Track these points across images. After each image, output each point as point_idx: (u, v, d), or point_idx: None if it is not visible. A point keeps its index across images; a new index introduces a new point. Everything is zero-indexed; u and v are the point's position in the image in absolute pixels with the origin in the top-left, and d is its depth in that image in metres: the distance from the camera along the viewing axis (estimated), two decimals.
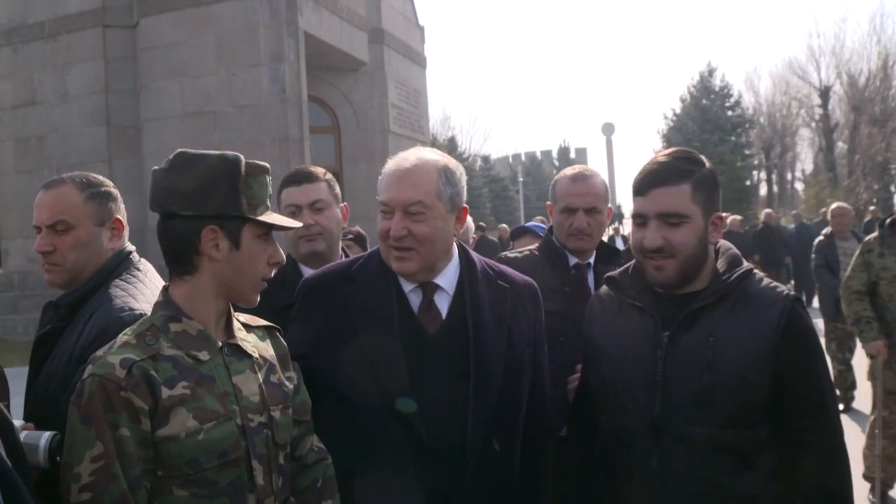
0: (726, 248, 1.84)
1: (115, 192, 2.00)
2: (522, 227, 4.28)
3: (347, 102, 13.28)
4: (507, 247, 5.17)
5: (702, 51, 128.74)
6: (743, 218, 16.62)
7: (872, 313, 4.64)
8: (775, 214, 15.96)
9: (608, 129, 32.09)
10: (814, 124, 37.00)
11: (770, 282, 1.79)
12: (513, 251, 2.85)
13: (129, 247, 1.99)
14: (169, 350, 1.48)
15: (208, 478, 1.46)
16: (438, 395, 1.75)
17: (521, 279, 1.98)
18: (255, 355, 1.62)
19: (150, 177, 1.60)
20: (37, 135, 12.19)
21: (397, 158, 1.83)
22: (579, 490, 1.95)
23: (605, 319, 1.91)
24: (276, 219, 1.63)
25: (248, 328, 1.68)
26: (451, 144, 40.93)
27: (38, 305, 2.09)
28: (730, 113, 33.15)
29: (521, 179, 42.12)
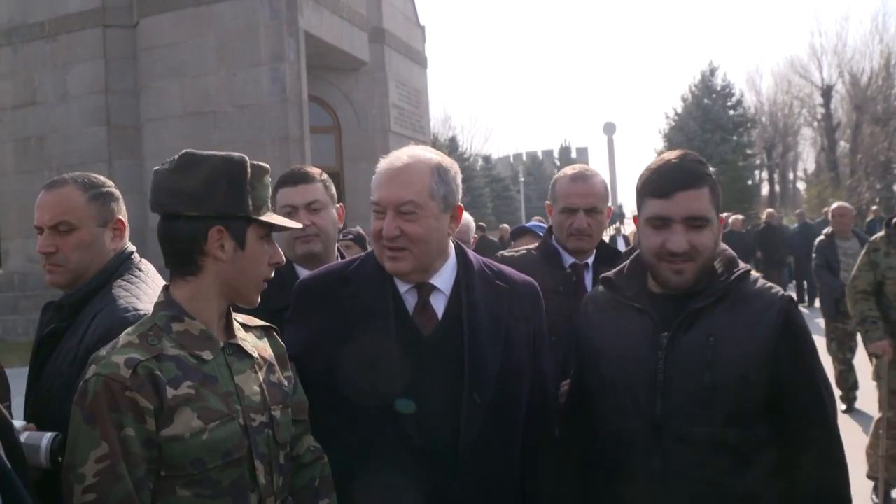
0: (722, 249, 1.84)
1: (117, 192, 2.00)
2: (522, 227, 4.28)
3: (348, 102, 13.27)
4: (507, 247, 5.16)
5: (703, 50, 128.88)
6: (745, 218, 16.59)
7: (878, 313, 4.63)
8: (777, 214, 15.93)
9: (609, 129, 32.13)
10: (816, 123, 36.99)
11: (765, 282, 1.80)
12: (510, 250, 2.84)
13: (131, 247, 1.99)
14: (172, 350, 1.48)
15: (212, 478, 1.46)
16: (433, 396, 1.75)
17: (521, 279, 1.96)
18: (256, 355, 1.63)
19: (150, 177, 1.59)
20: (37, 135, 12.20)
21: (390, 157, 1.81)
22: (579, 490, 1.94)
23: (600, 320, 1.90)
24: (279, 219, 1.64)
25: (246, 328, 1.68)
26: (452, 144, 40.93)
27: (39, 306, 2.08)
28: (731, 112, 33.17)
29: (523, 179, 42.14)
